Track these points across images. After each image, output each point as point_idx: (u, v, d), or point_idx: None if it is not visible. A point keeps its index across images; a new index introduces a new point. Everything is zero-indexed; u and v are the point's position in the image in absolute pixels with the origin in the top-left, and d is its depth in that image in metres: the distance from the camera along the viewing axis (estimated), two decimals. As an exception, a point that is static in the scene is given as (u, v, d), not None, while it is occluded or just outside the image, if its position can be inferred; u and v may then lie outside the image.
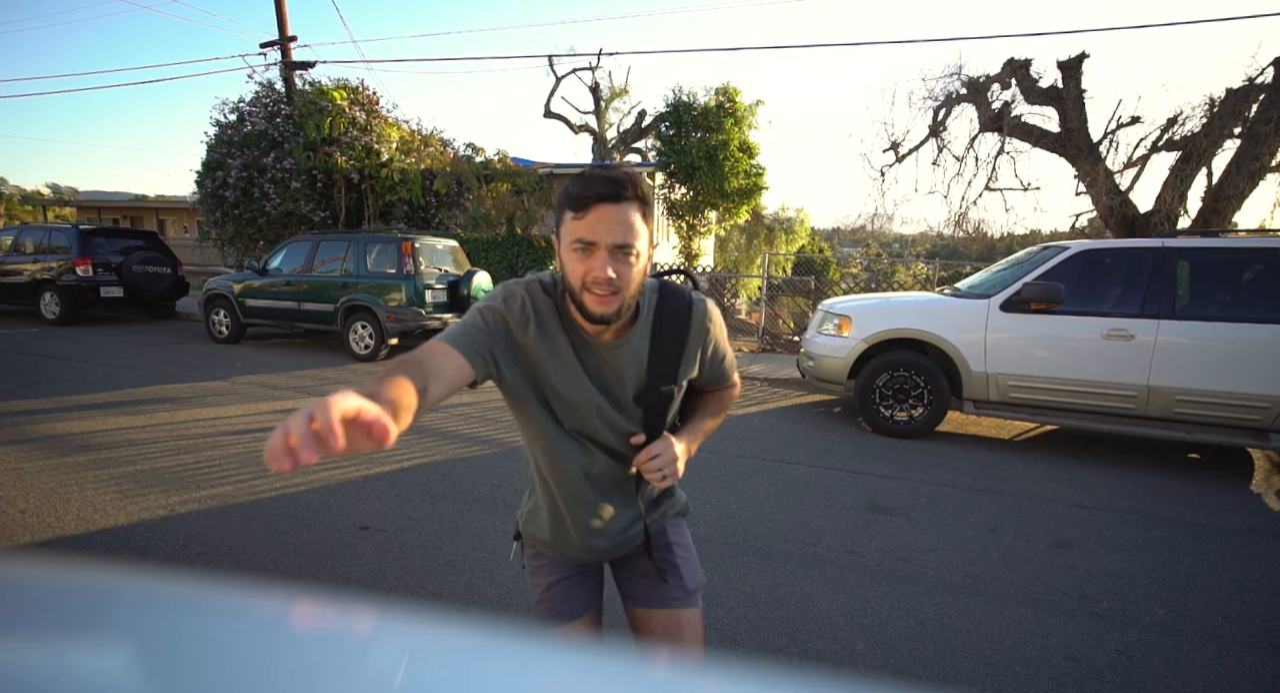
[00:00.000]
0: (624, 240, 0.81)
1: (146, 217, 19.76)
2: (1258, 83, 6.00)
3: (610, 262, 0.81)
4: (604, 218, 0.80)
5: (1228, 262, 3.69)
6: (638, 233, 0.83)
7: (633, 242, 0.82)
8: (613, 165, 0.84)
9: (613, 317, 0.85)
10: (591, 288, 0.83)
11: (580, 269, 0.83)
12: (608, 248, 0.81)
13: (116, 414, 4.10)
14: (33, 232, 8.82)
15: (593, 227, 0.81)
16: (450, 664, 0.17)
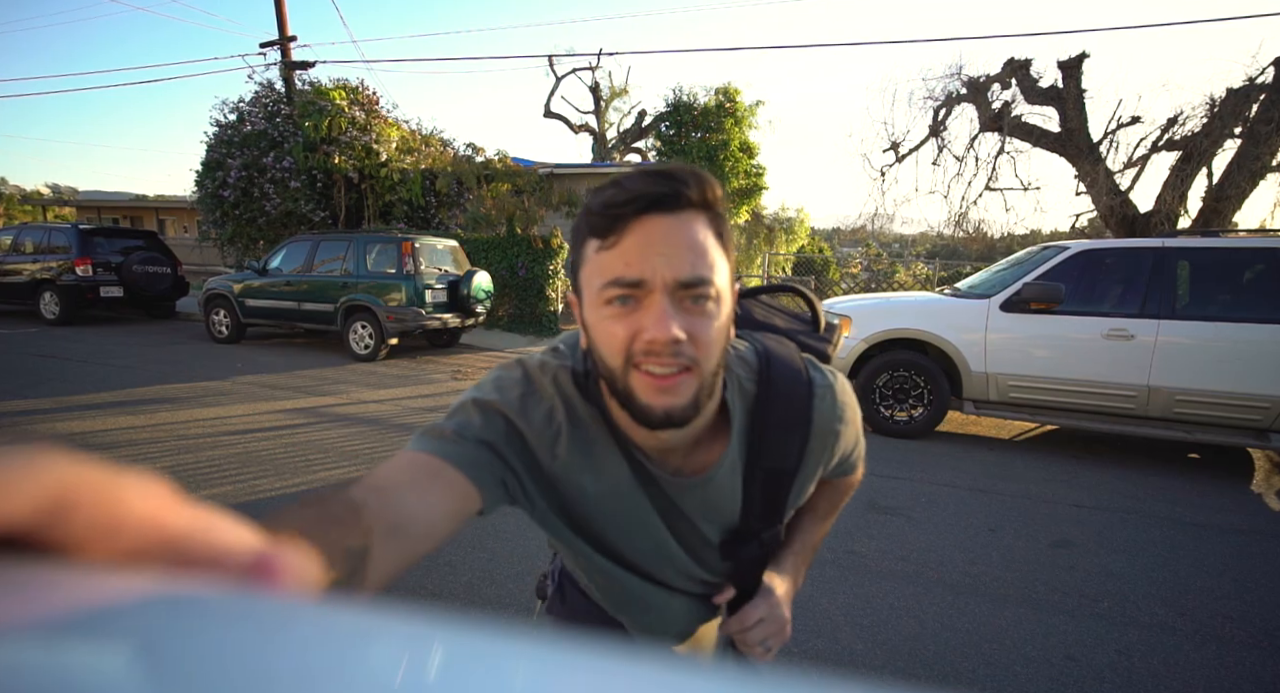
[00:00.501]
0: (693, 273, 0.49)
1: (146, 216, 19.76)
2: (1258, 82, 6.00)
3: (673, 312, 0.49)
4: (655, 238, 0.49)
5: (1228, 262, 3.69)
6: (714, 262, 0.50)
7: (708, 275, 0.50)
8: (684, 165, 0.53)
9: (685, 412, 0.51)
10: (645, 362, 0.50)
11: (622, 333, 0.50)
12: (666, 288, 0.49)
13: (116, 414, 4.10)
14: (32, 231, 8.81)
15: (638, 253, 0.49)
16: (450, 665, 0.17)
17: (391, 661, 0.15)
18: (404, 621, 0.17)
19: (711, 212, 0.52)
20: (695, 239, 0.50)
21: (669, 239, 0.49)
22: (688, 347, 0.49)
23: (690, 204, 0.50)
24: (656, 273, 0.49)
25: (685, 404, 0.51)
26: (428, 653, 0.16)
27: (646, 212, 0.49)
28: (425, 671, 0.15)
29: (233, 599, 0.18)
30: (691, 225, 0.50)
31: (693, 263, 0.49)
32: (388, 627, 0.17)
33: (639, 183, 0.49)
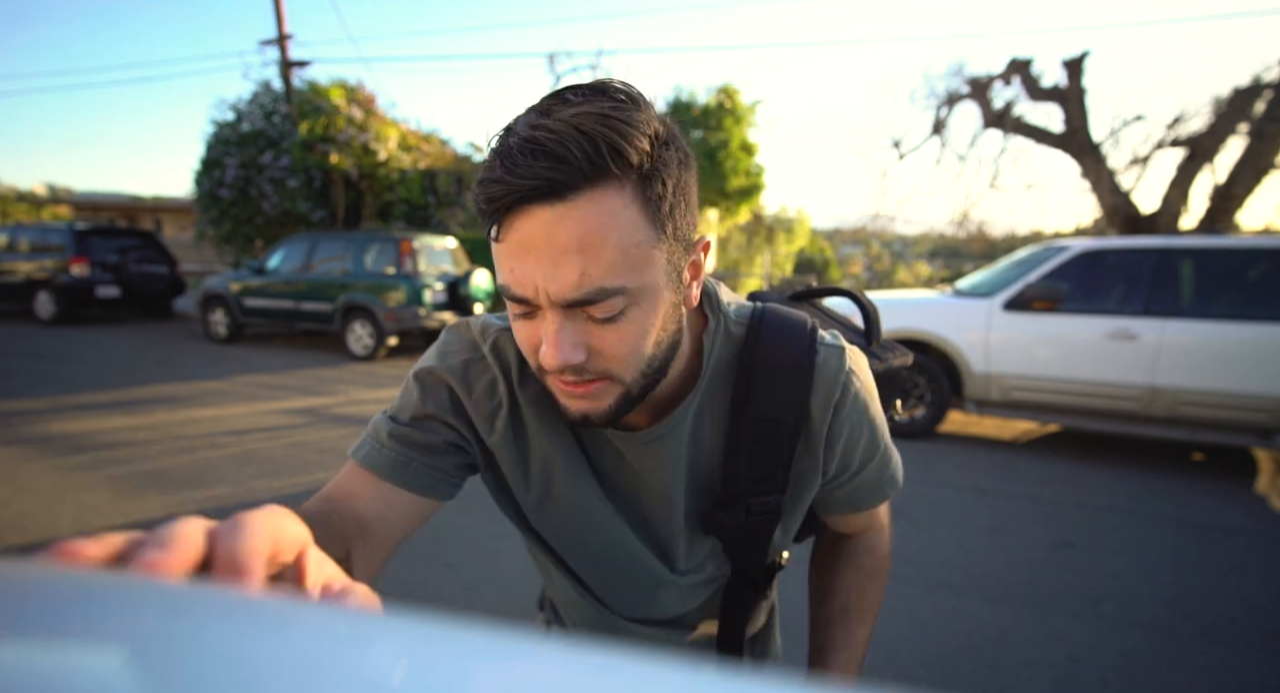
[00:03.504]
0: (583, 290, 0.39)
1: (143, 216, 19.74)
2: (1264, 81, 5.99)
3: (567, 335, 0.40)
4: (537, 241, 0.38)
5: (1232, 261, 3.67)
6: (624, 258, 0.39)
7: (611, 286, 0.39)
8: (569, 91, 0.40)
9: (603, 418, 0.45)
10: (552, 375, 0.43)
11: (525, 341, 0.44)
12: (555, 307, 0.40)
13: (113, 415, 4.09)
14: (28, 231, 8.80)
15: (519, 262, 0.39)
16: (450, 666, 0.17)
17: (391, 661, 0.15)
18: (403, 622, 0.17)
19: (633, 178, 0.39)
20: (592, 236, 0.38)
21: (552, 242, 0.38)
22: (594, 362, 0.42)
23: (588, 182, 0.37)
24: (538, 289, 0.39)
25: (606, 410, 0.44)
26: (427, 654, 0.16)
27: (525, 204, 0.38)
28: (424, 671, 0.15)
29: (232, 599, 0.18)
30: (590, 215, 0.37)
31: (582, 274, 0.38)
32: (387, 627, 0.17)
33: (516, 165, 0.37)
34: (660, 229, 0.41)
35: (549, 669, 0.15)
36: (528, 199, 0.37)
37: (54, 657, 0.14)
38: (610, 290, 0.39)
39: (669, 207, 0.41)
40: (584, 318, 0.41)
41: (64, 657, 0.14)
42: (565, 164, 0.36)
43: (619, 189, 0.38)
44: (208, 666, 0.14)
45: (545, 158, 0.36)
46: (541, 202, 0.37)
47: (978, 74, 7.39)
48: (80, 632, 0.14)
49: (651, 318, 0.42)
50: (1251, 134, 6.01)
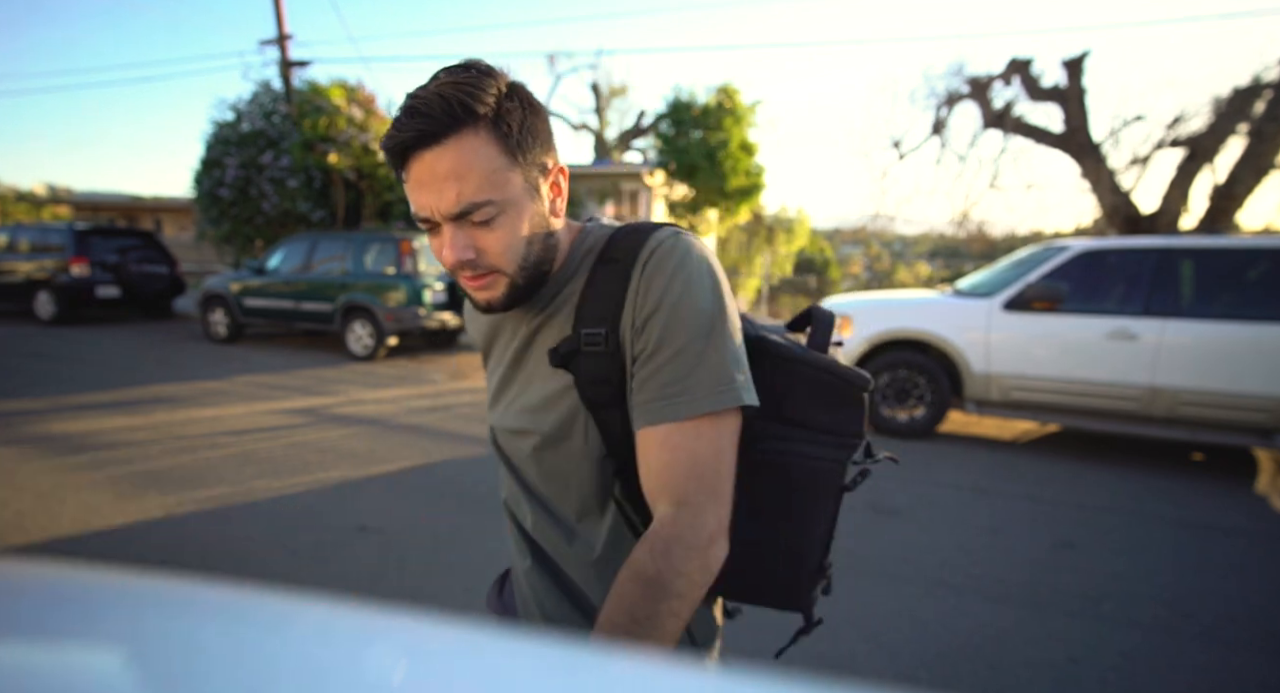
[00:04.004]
0: (461, 203, 0.53)
1: (143, 216, 19.72)
2: (1264, 81, 5.98)
3: (457, 238, 0.55)
4: (426, 177, 0.53)
5: (1232, 261, 3.67)
6: (487, 181, 0.53)
7: (482, 198, 0.53)
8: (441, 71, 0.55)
9: (501, 303, 0.59)
10: (458, 276, 0.59)
11: (436, 251, 0.58)
12: (447, 220, 0.55)
13: (113, 415, 4.09)
14: (28, 231, 8.79)
15: (418, 194, 0.55)
16: (449, 666, 0.17)
17: (389, 661, 0.15)
18: (403, 622, 0.17)
19: (486, 122, 0.54)
20: (460, 167, 0.53)
21: (435, 174, 0.53)
22: (484, 259, 0.57)
23: (450, 132, 0.52)
24: (432, 209, 0.55)
25: (500, 297, 0.60)
26: (426, 655, 0.16)
27: (413, 150, 0.54)
28: (422, 670, 0.15)
29: (230, 602, 0.18)
30: (456, 152, 0.53)
31: (459, 193, 0.54)
32: (386, 627, 0.17)
33: (399, 126, 0.53)
34: (513, 157, 0.56)
35: (546, 670, 0.15)
36: (412, 147, 0.53)
37: (54, 657, 0.14)
38: (480, 203, 0.54)
39: (517, 141, 0.56)
40: (469, 226, 0.56)
41: (64, 657, 0.14)
42: (431, 119, 0.52)
43: (474, 132, 0.53)
44: (207, 667, 0.14)
45: (418, 116, 0.52)
46: (422, 148, 0.53)
47: (978, 74, 7.39)
48: (80, 632, 0.14)
49: (519, 222, 0.57)
50: (1251, 134, 6.00)
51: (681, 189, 9.80)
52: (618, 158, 14.51)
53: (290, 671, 0.15)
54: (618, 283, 0.58)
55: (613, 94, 15.70)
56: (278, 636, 0.17)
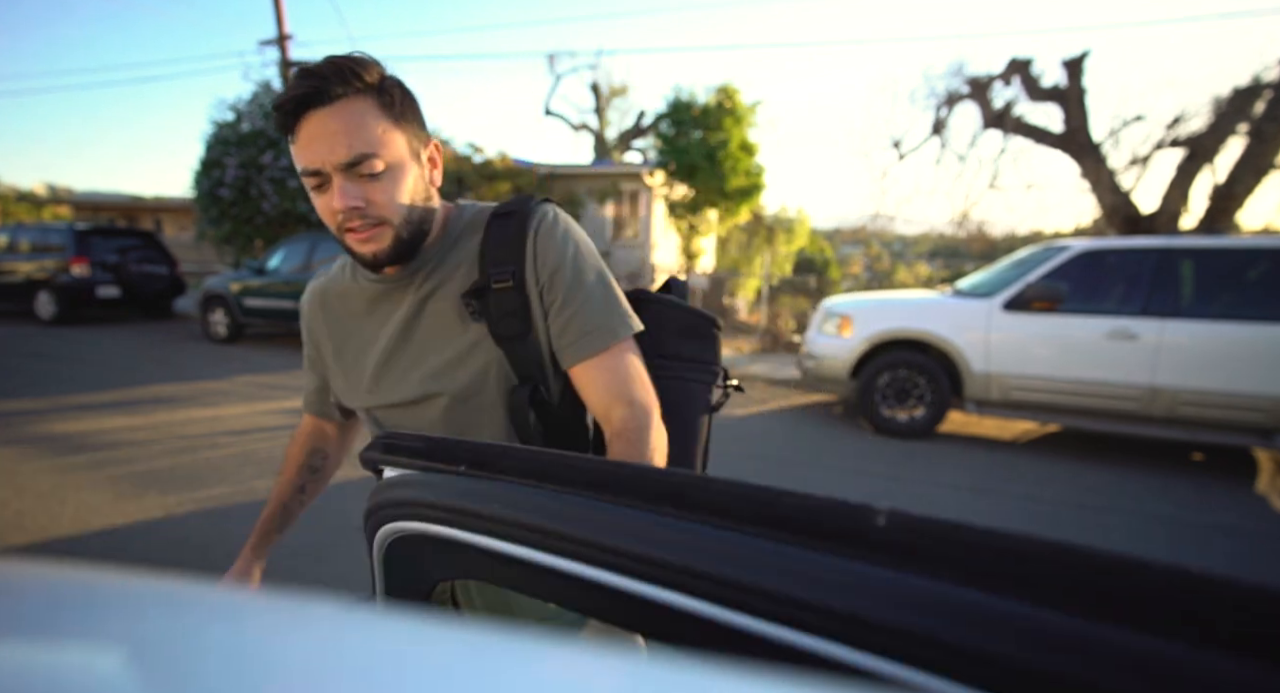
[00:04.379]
0: (352, 153, 0.59)
1: (143, 216, 19.73)
2: (1264, 81, 5.99)
3: (348, 188, 0.60)
4: (317, 132, 0.59)
5: (1232, 261, 3.67)
6: (374, 137, 0.60)
7: (370, 150, 0.59)
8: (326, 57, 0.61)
9: (387, 255, 0.64)
10: (347, 227, 0.62)
11: (324, 208, 0.62)
12: (337, 170, 0.60)
13: (113, 414, 4.09)
14: (28, 231, 8.79)
15: (309, 148, 0.59)
16: (449, 665, 0.17)
17: (389, 662, 0.15)
18: (402, 622, 0.17)
19: (375, 90, 0.61)
20: (349, 123, 0.59)
21: (326, 129, 0.59)
22: (372, 210, 0.62)
23: (341, 94, 0.59)
24: (325, 160, 0.60)
25: (386, 249, 0.64)
26: (426, 654, 0.16)
27: (306, 109, 0.59)
28: (424, 672, 0.15)
29: (230, 601, 0.18)
30: (347, 111, 0.59)
31: (349, 145, 0.59)
32: (386, 628, 0.17)
33: (293, 86, 0.59)
34: (395, 121, 0.63)
35: (545, 669, 0.15)
36: (305, 105, 0.59)
37: (53, 657, 0.14)
38: (368, 154, 0.60)
39: (399, 109, 0.63)
40: (358, 178, 0.61)
41: (63, 657, 0.14)
42: (324, 80, 0.58)
43: (362, 96, 0.60)
44: (206, 666, 0.14)
45: (312, 77, 0.59)
46: (315, 106, 0.59)
47: (978, 74, 7.40)
48: (80, 632, 0.14)
49: (404, 178, 0.63)
50: (1251, 134, 6.01)
51: (681, 189, 9.80)
52: (618, 158, 14.52)
53: (290, 671, 0.15)
54: (516, 233, 0.68)
55: (613, 94, 15.71)
56: (278, 636, 0.17)
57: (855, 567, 0.24)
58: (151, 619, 0.17)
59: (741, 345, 8.14)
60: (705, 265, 11.60)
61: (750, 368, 6.56)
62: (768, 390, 5.77)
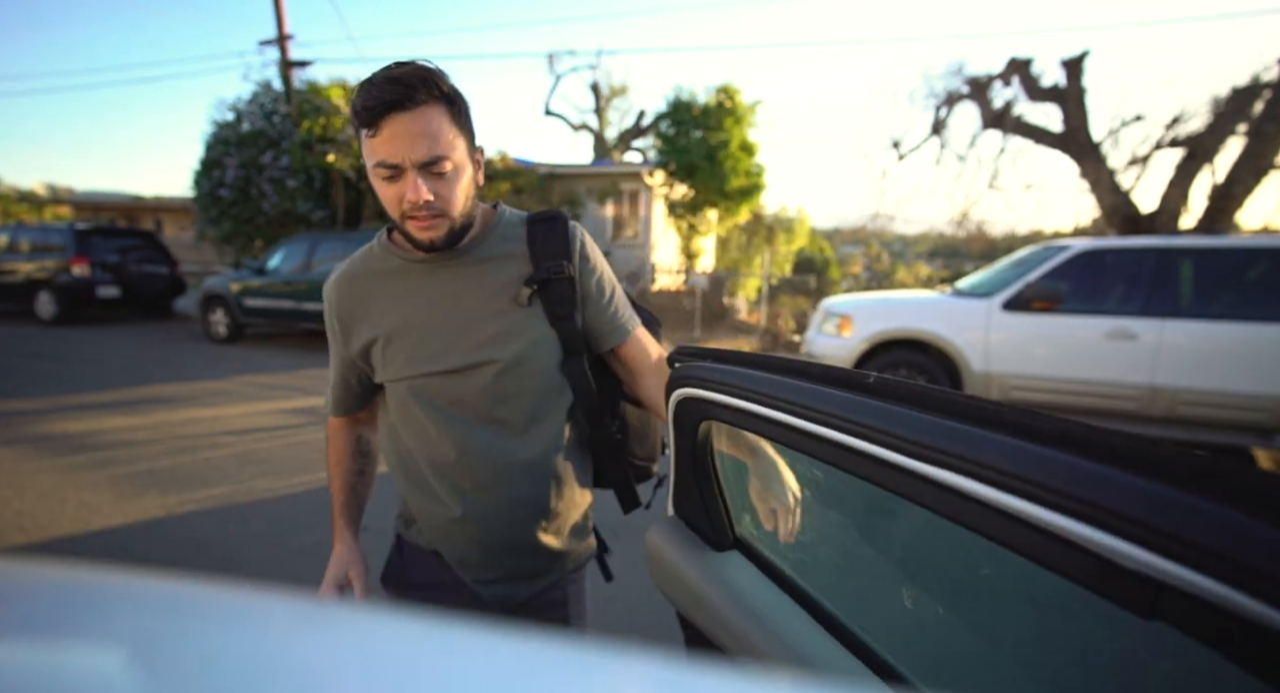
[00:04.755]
0: (430, 154, 0.69)
1: (144, 216, 19.73)
2: (1263, 81, 5.99)
3: (424, 182, 0.70)
4: (400, 131, 0.68)
5: (1232, 261, 3.67)
6: (447, 142, 0.70)
7: (444, 154, 0.70)
8: (402, 64, 0.70)
9: (443, 241, 0.75)
10: (411, 215, 0.72)
11: (392, 197, 0.72)
12: (414, 167, 0.69)
13: (113, 414, 4.09)
14: (28, 231, 8.80)
15: (390, 144, 0.68)
16: (448, 665, 0.17)
17: (390, 662, 0.15)
18: (402, 622, 0.17)
19: (447, 100, 0.70)
20: (429, 128, 0.69)
21: (410, 130, 0.68)
22: (436, 204, 0.72)
23: (423, 101, 0.68)
24: (405, 157, 0.69)
25: (442, 236, 0.74)
26: (426, 654, 0.16)
27: (391, 112, 0.67)
28: (423, 671, 0.15)
29: (230, 601, 0.18)
30: (426, 117, 0.68)
31: (429, 147, 0.69)
32: (386, 628, 0.17)
33: (381, 90, 0.67)
34: (460, 130, 0.73)
35: (544, 669, 0.15)
36: (392, 108, 0.67)
37: (54, 657, 0.15)
38: (443, 156, 0.70)
39: (463, 119, 0.73)
40: (429, 175, 0.71)
41: (64, 657, 0.15)
42: (411, 88, 0.67)
43: (438, 104, 0.70)
44: (207, 666, 0.14)
45: (402, 86, 0.67)
46: (400, 110, 0.68)
47: (977, 74, 7.40)
48: (80, 632, 0.14)
49: (464, 179, 0.74)
50: (1250, 134, 6.01)
51: (681, 189, 9.80)
52: (618, 158, 14.51)
53: (291, 671, 0.15)
54: (561, 235, 0.82)
55: (613, 94, 15.71)
56: (278, 635, 0.17)
57: None
58: (152, 619, 0.17)
59: (741, 345, 8.14)
60: (705, 265, 11.60)
61: (750, 368, 6.55)
62: (768, 390, 5.77)
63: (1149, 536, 0.28)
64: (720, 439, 0.76)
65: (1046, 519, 0.32)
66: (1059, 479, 0.31)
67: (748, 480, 0.75)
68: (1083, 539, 0.31)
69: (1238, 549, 0.26)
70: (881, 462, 0.45)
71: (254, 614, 0.19)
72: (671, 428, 0.75)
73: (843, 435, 0.46)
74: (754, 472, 0.74)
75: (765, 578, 0.72)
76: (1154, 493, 0.29)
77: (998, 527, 0.36)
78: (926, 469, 0.40)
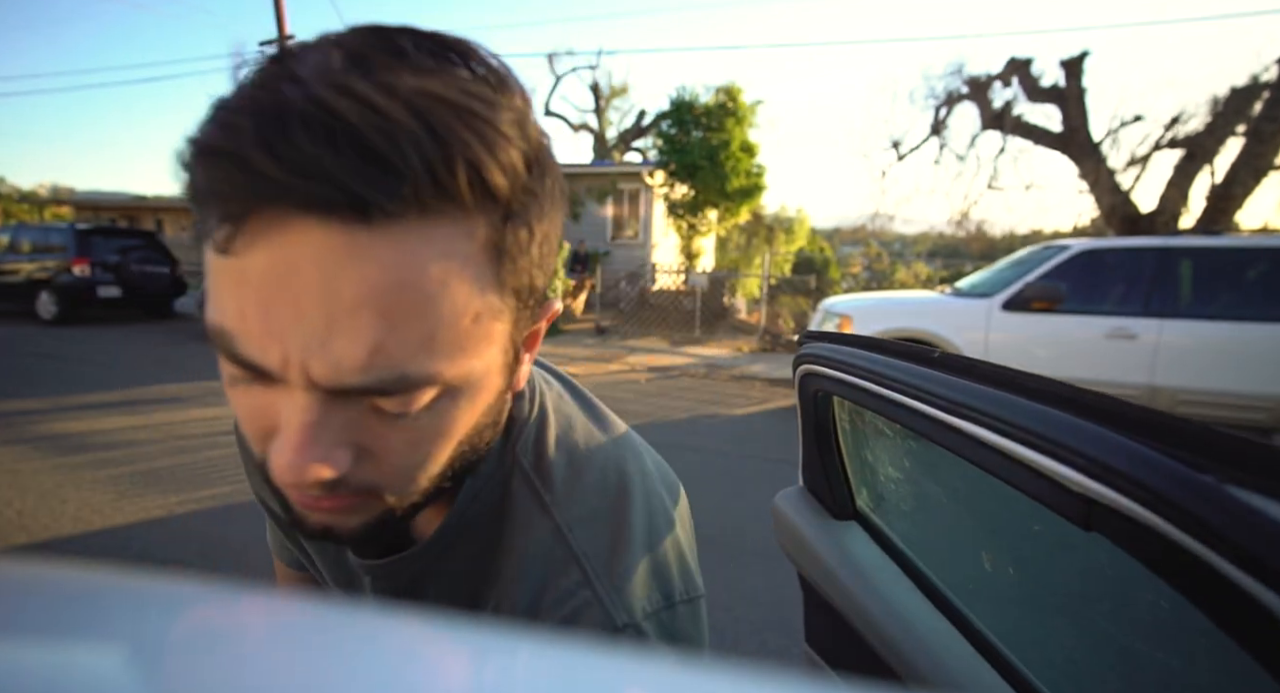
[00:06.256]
0: (370, 374, 0.24)
1: (144, 216, 19.74)
2: (1262, 81, 6.00)
3: (326, 429, 0.25)
4: (302, 283, 0.22)
5: (1231, 261, 3.68)
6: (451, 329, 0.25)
7: (417, 371, 0.25)
8: (394, 33, 0.24)
9: (353, 536, 0.30)
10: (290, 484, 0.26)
11: (248, 418, 0.27)
12: (312, 387, 0.24)
13: (114, 414, 4.09)
14: (29, 231, 8.80)
15: (263, 307, 0.23)
16: (448, 665, 0.17)
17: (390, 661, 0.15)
18: (402, 622, 0.17)
19: (491, 210, 0.25)
20: (400, 294, 0.23)
21: (331, 291, 0.23)
22: (361, 472, 0.27)
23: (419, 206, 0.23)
24: (294, 362, 0.24)
25: (355, 528, 0.30)
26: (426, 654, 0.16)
27: (303, 215, 0.22)
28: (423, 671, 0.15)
29: (231, 601, 0.18)
30: (402, 258, 0.23)
31: (376, 349, 0.24)
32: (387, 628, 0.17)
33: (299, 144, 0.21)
34: (511, 293, 0.27)
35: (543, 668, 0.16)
36: (311, 210, 0.22)
37: (54, 656, 0.15)
38: (416, 379, 0.25)
39: (529, 262, 0.27)
40: (362, 408, 0.26)
41: (64, 656, 0.15)
42: (392, 175, 0.22)
43: (465, 227, 0.24)
44: (207, 666, 0.14)
45: (357, 154, 0.21)
46: (335, 220, 0.22)
47: (977, 74, 7.41)
48: (81, 631, 0.14)
49: (467, 416, 0.29)
50: (1249, 134, 6.02)
51: (682, 189, 9.80)
52: (618, 158, 14.52)
53: (292, 671, 0.15)
54: None
55: (613, 94, 15.72)
56: (279, 635, 0.17)
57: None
58: (153, 619, 0.17)
59: (741, 345, 8.14)
60: (705, 265, 11.60)
61: (750, 367, 6.56)
62: (767, 390, 5.78)
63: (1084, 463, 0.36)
64: (843, 415, 0.79)
65: (1021, 453, 0.41)
66: (1037, 424, 0.40)
67: (867, 455, 0.77)
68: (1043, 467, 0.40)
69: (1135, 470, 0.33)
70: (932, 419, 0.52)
71: (255, 614, 0.19)
72: (798, 402, 0.78)
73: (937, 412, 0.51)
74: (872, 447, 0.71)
75: (881, 552, 0.76)
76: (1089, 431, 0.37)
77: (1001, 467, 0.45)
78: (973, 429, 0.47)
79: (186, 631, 0.17)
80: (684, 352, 7.62)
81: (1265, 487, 0.29)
